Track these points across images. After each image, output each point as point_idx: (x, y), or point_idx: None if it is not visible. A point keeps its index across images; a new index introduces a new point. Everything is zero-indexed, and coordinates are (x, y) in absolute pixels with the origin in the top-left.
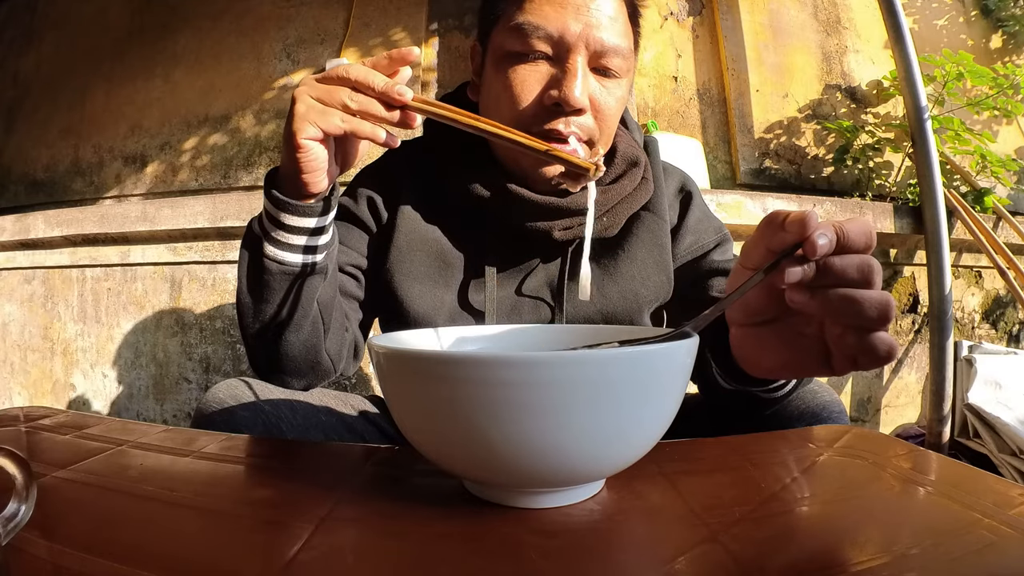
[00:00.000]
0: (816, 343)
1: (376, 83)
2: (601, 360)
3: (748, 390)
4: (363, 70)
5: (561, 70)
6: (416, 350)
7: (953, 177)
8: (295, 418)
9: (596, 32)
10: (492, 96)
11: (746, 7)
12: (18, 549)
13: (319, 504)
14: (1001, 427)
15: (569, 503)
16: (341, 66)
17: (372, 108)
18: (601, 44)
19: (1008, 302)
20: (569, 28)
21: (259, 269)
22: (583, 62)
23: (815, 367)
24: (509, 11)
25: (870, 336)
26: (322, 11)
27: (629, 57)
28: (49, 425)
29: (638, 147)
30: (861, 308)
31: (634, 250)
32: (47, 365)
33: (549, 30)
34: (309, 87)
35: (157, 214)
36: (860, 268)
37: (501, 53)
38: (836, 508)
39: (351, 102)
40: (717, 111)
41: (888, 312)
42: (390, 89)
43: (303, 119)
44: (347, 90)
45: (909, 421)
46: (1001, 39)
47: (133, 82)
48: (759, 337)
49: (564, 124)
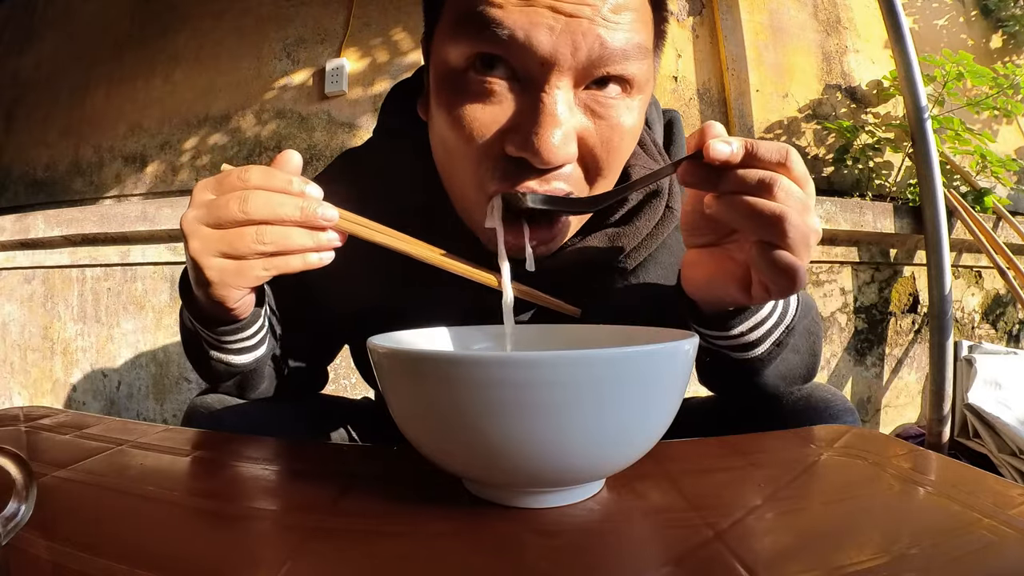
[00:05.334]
0: (742, 268)
1: (287, 212)
2: (601, 360)
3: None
4: (261, 200)
5: (532, 103)
6: (416, 350)
7: (953, 177)
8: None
9: (593, 29)
10: (436, 134)
11: (746, 7)
12: (18, 549)
13: (319, 504)
14: (1001, 427)
15: (569, 503)
16: (233, 199)
17: (294, 243)
18: (600, 47)
19: (1008, 302)
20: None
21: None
22: (567, 87)
23: (734, 289)
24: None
25: (773, 253)
26: (322, 11)
27: (646, 60)
28: (49, 425)
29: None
30: (755, 214)
31: (649, 280)
32: (47, 365)
33: (511, 29)
34: (203, 242)
35: (157, 214)
36: (762, 179)
37: (445, 69)
38: (836, 508)
39: (264, 246)
40: (717, 111)
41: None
42: (309, 214)
43: (222, 287)
44: (253, 231)
45: (909, 421)
46: (1001, 39)
47: (133, 82)
48: (699, 255)
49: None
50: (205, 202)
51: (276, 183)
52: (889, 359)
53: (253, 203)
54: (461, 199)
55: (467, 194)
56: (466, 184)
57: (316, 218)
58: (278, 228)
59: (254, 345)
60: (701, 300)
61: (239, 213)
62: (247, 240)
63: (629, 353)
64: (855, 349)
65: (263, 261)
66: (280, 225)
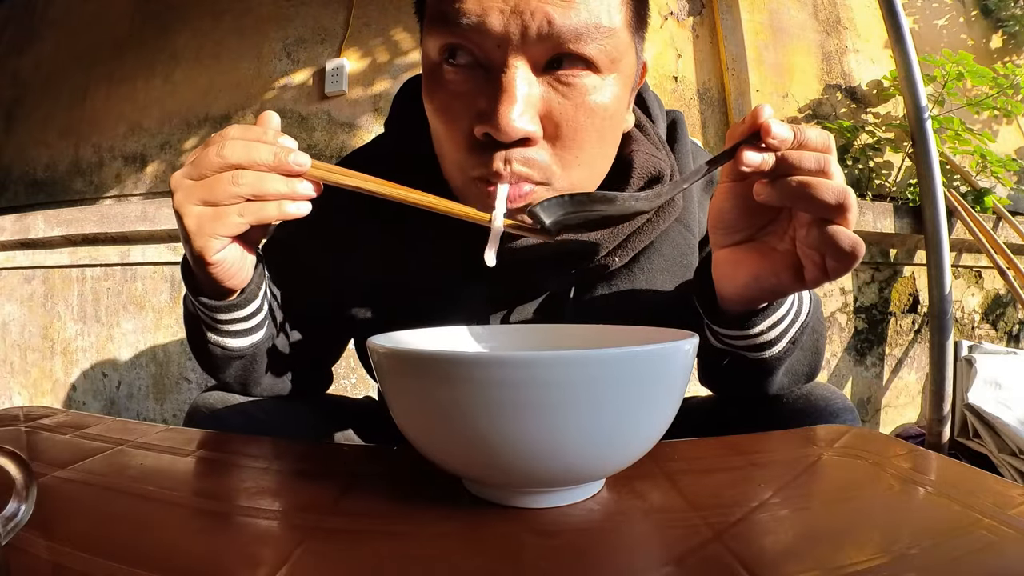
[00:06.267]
0: (788, 256)
1: (262, 156)
2: (601, 360)
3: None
4: (239, 146)
5: (493, 82)
6: (416, 350)
7: (953, 177)
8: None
9: (541, 6)
10: (431, 125)
11: (746, 7)
12: (18, 549)
13: (319, 504)
14: (1001, 427)
15: (569, 503)
16: (210, 146)
17: (267, 187)
18: (550, 25)
19: (1008, 302)
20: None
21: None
22: (523, 65)
23: (787, 279)
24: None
25: (831, 229)
26: (322, 11)
27: (611, 38)
28: (49, 425)
29: (661, 155)
30: (818, 192)
31: (653, 272)
32: (47, 365)
33: (469, 16)
34: (185, 192)
35: (157, 214)
36: (817, 160)
37: (426, 63)
38: (836, 508)
39: (239, 188)
40: (717, 111)
41: (846, 199)
42: (282, 159)
43: (200, 235)
44: (229, 175)
45: (909, 421)
46: (1001, 39)
47: (133, 82)
48: (736, 254)
49: (502, 161)
50: (190, 160)
51: (252, 134)
52: (889, 359)
53: (229, 148)
54: (451, 181)
55: (455, 178)
56: (453, 169)
57: (288, 164)
58: (253, 172)
59: (251, 328)
60: (743, 299)
61: (216, 158)
62: (224, 184)
63: (626, 353)
64: (855, 349)
65: (239, 207)
66: (255, 170)
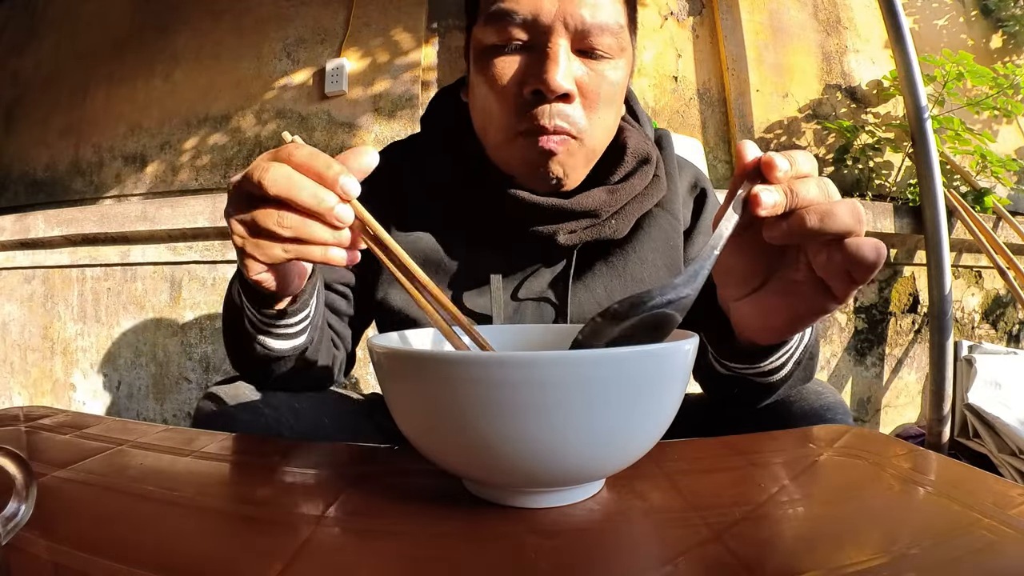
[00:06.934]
0: (811, 283)
1: (302, 197)
2: (601, 360)
3: (742, 373)
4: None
5: (540, 56)
6: (416, 350)
7: (953, 177)
8: (297, 424)
9: (577, 9)
10: (477, 96)
11: (746, 7)
12: (18, 549)
13: (319, 504)
14: (1001, 427)
15: (569, 503)
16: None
17: (311, 234)
18: (583, 22)
19: (1008, 302)
20: (543, 8)
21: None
22: (565, 45)
23: (820, 303)
24: (485, 2)
25: (851, 244)
26: (322, 11)
27: (620, 34)
28: (49, 425)
29: (650, 142)
30: (836, 219)
31: (644, 251)
32: (47, 365)
33: (523, 14)
34: (234, 206)
35: (157, 214)
36: (819, 185)
37: (480, 48)
38: (836, 508)
39: (283, 230)
40: (717, 111)
41: (859, 212)
42: (324, 207)
43: (245, 255)
44: (276, 214)
45: (909, 421)
46: (1001, 39)
47: (133, 82)
48: (759, 302)
49: (547, 116)
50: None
51: (316, 165)
52: (889, 359)
53: (271, 176)
54: (495, 143)
55: (499, 136)
56: (499, 127)
57: (329, 213)
58: (297, 217)
59: (295, 333)
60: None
61: (256, 183)
62: (269, 220)
63: (626, 353)
64: (855, 349)
65: (282, 244)
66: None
